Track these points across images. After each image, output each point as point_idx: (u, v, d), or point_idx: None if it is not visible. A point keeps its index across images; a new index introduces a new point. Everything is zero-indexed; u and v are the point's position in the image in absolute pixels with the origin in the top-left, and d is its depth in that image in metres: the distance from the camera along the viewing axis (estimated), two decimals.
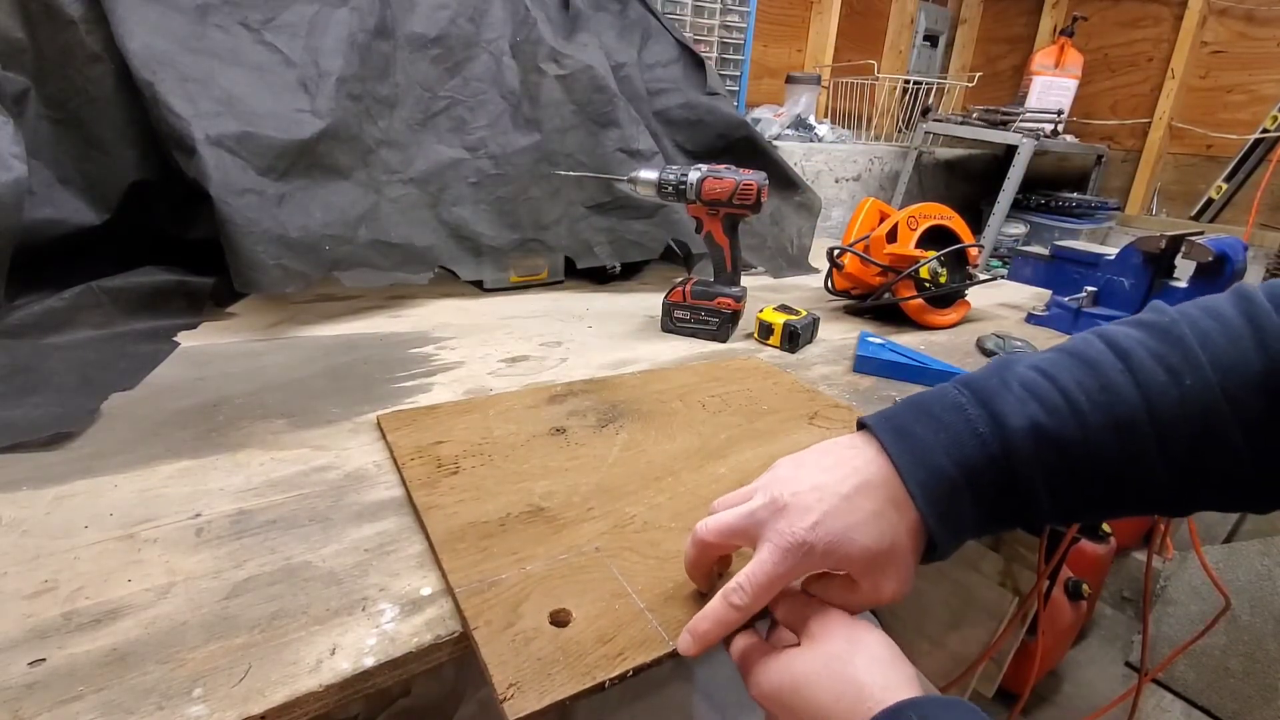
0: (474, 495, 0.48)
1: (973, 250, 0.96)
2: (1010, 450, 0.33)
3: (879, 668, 0.31)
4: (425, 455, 0.52)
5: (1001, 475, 0.33)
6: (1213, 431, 0.31)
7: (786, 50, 2.07)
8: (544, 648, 0.35)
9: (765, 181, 0.80)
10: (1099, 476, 0.33)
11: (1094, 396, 0.32)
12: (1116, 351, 0.33)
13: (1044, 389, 0.33)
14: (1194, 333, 0.32)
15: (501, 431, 0.57)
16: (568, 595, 0.39)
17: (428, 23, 0.92)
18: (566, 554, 0.42)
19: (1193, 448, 0.32)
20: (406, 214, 0.89)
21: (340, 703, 0.34)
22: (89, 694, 0.31)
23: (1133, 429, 0.32)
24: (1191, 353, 0.32)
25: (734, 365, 0.76)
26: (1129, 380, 0.32)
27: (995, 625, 0.99)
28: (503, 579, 0.39)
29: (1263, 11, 1.99)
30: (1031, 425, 0.32)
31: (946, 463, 0.33)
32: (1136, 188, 2.26)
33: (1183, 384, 0.31)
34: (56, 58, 0.72)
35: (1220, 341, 0.31)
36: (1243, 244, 0.94)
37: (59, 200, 0.74)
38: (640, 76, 1.11)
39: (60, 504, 0.44)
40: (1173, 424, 0.31)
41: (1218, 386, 0.31)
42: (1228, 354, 0.31)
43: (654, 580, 0.41)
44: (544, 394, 0.65)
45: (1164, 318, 0.34)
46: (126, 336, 0.70)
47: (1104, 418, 0.32)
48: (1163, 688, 1.40)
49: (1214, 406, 0.31)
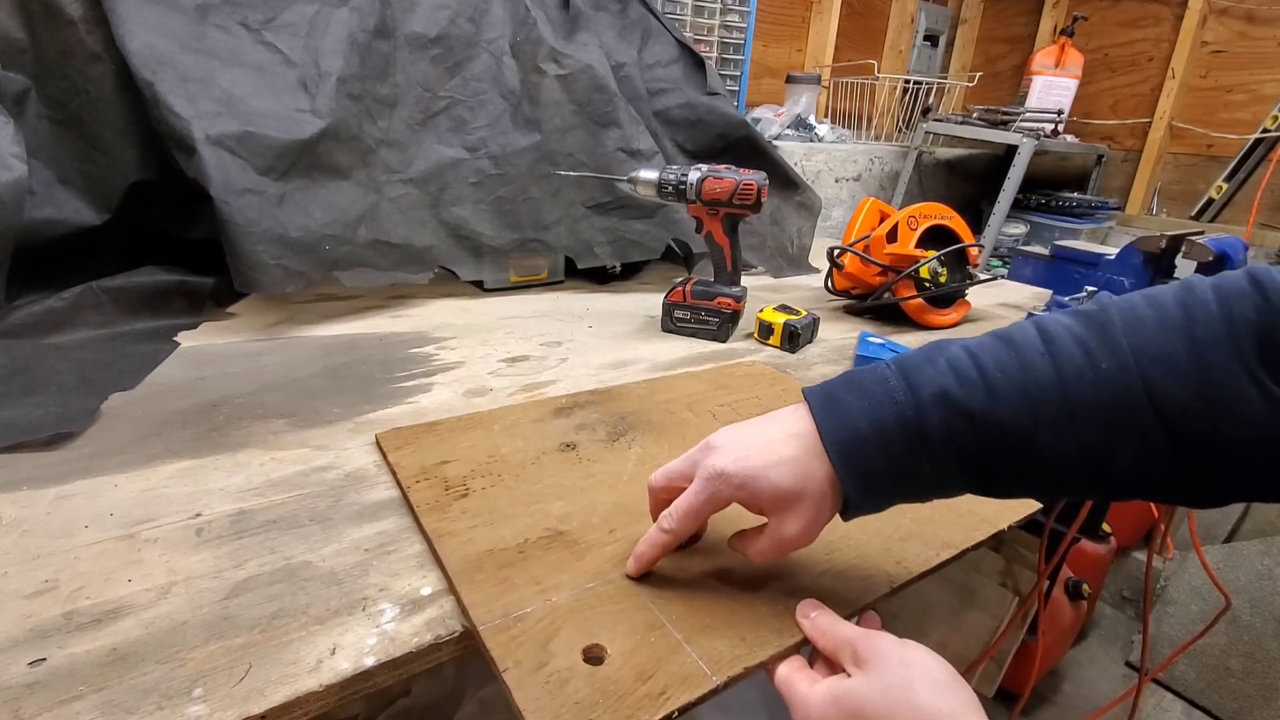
0: (487, 520, 0.45)
1: (973, 250, 0.96)
2: (922, 416, 0.34)
3: (941, 693, 0.31)
4: (431, 476, 0.49)
5: (913, 439, 0.34)
6: (1126, 416, 0.32)
7: (787, 50, 2.07)
8: (580, 689, 0.33)
9: (765, 181, 0.80)
10: (1010, 450, 0.33)
11: (1010, 373, 0.33)
12: (1042, 335, 0.34)
13: (964, 364, 0.35)
14: (1123, 319, 0.33)
15: (509, 449, 0.54)
16: (599, 628, 0.37)
17: (428, 22, 0.92)
18: (593, 582, 0.40)
19: (1106, 431, 0.32)
20: (406, 214, 0.89)
21: (340, 703, 0.34)
22: (89, 694, 0.31)
23: (1044, 406, 0.33)
24: (1112, 338, 0.32)
25: (739, 372, 0.75)
26: (1047, 361, 0.33)
27: (995, 625, 0.99)
28: (528, 613, 0.37)
29: (1263, 11, 1.99)
30: (942, 392, 0.34)
31: (863, 423, 0.35)
32: (1137, 187, 2.26)
33: (1098, 367, 0.32)
34: (57, 58, 0.72)
35: (1150, 329, 0.32)
36: (1243, 244, 0.94)
37: (59, 200, 0.74)
38: (640, 76, 1.12)
39: (61, 504, 0.44)
40: (1085, 405, 0.32)
41: (1137, 373, 0.31)
42: (1155, 342, 0.31)
43: (688, 608, 0.39)
44: (549, 407, 0.62)
45: (1098, 306, 0.35)
46: (127, 336, 0.70)
47: (1017, 394, 0.33)
48: (1163, 688, 1.40)
49: (1129, 391, 0.31)
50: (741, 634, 0.37)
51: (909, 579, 0.44)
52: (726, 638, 0.37)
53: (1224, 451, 0.31)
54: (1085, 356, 0.32)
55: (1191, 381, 0.30)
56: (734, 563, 0.43)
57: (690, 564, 0.43)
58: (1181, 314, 0.32)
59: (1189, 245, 0.93)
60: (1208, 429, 0.31)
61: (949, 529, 0.48)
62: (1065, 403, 0.32)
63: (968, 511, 0.50)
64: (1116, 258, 0.99)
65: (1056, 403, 0.32)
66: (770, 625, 0.38)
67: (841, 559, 0.44)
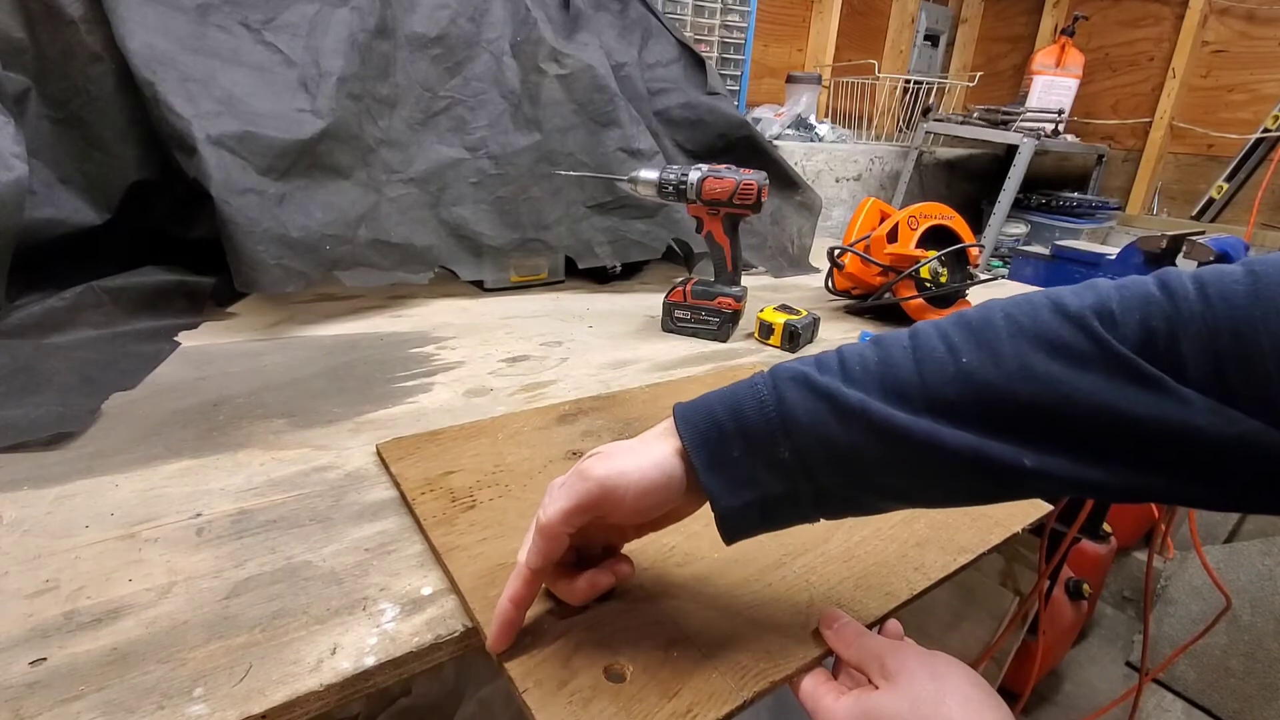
0: (497, 532, 0.44)
1: (973, 250, 0.96)
2: (780, 395, 0.33)
3: (973, 708, 0.30)
4: (436, 488, 0.48)
5: (769, 417, 0.33)
6: (988, 410, 0.30)
7: (787, 50, 2.07)
8: (605, 708, 0.32)
9: (765, 181, 0.80)
10: (872, 431, 0.31)
11: (869, 364, 0.33)
12: (910, 334, 0.34)
13: (828, 357, 0.34)
14: (1004, 320, 0.31)
15: (514, 458, 0.53)
16: (620, 645, 0.36)
17: (428, 22, 0.92)
18: (609, 596, 0.40)
19: (977, 423, 0.30)
20: (407, 214, 0.89)
21: (341, 702, 0.34)
22: (90, 693, 0.31)
23: (905, 395, 0.31)
24: (982, 335, 0.31)
25: (741, 374, 0.74)
26: (909, 355, 0.32)
27: (996, 625, 0.99)
28: (545, 630, 0.37)
29: (1264, 11, 1.99)
30: (800, 374, 0.33)
31: (719, 408, 0.34)
32: (1137, 187, 2.26)
33: (959, 361, 0.31)
34: (57, 58, 0.72)
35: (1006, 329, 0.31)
36: (1244, 243, 0.94)
37: (60, 200, 0.74)
38: (641, 76, 1.12)
39: (61, 504, 0.44)
40: (944, 398, 0.31)
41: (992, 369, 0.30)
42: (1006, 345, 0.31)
43: (707, 621, 0.38)
44: (552, 414, 0.62)
45: (982, 309, 0.33)
46: (127, 336, 0.70)
47: (874, 381, 0.32)
48: (1163, 687, 1.40)
49: (989, 385, 0.30)
50: (765, 647, 0.36)
51: (929, 585, 0.43)
52: (750, 651, 0.36)
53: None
54: (948, 350, 0.31)
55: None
56: (751, 573, 0.42)
57: (707, 576, 0.42)
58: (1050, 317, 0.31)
59: (1190, 245, 0.93)
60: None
61: (964, 533, 0.48)
62: (925, 392, 0.31)
63: (981, 515, 0.50)
64: (1117, 258, 0.99)
65: (915, 390, 0.31)
66: (793, 637, 0.37)
67: (860, 566, 0.44)
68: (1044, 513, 0.52)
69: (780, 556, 0.44)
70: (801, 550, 0.45)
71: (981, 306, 0.33)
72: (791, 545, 0.45)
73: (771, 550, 0.45)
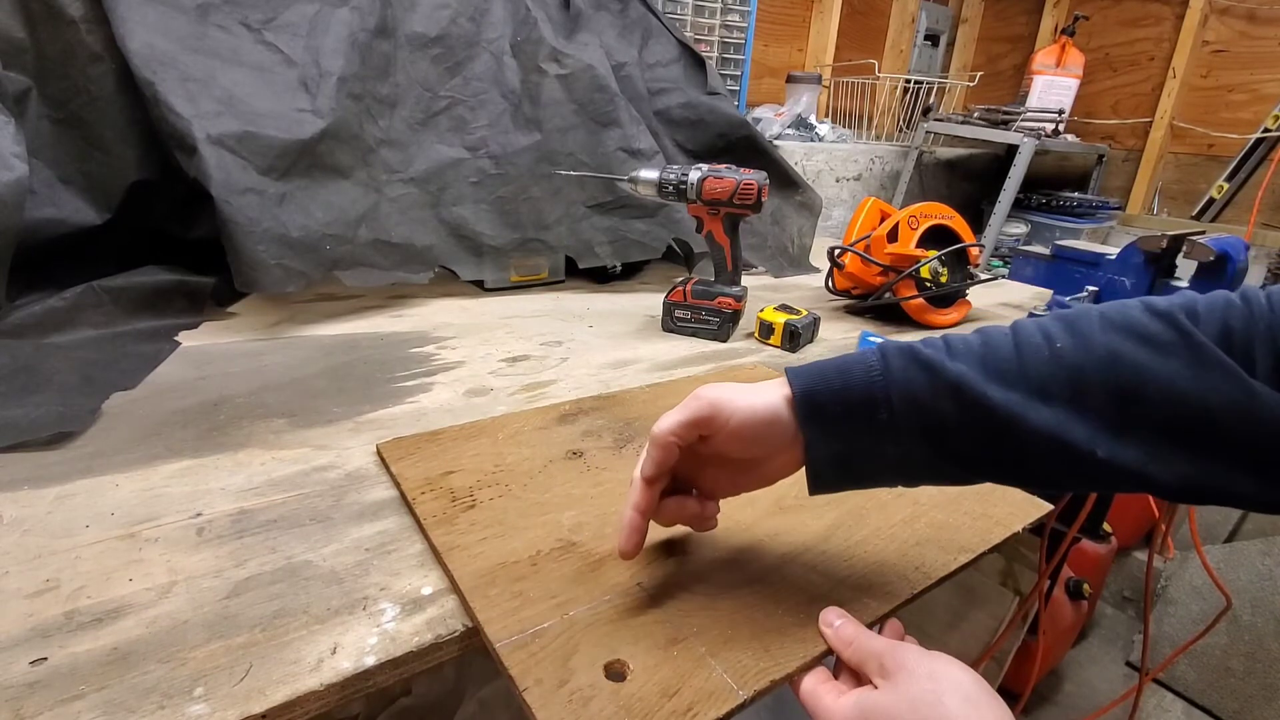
0: (497, 531, 0.44)
1: (973, 250, 0.96)
2: (887, 365, 0.36)
3: (972, 707, 0.30)
4: (436, 488, 0.48)
5: (874, 381, 0.35)
6: (1075, 390, 0.33)
7: (787, 50, 2.07)
8: (605, 707, 0.32)
9: (766, 181, 0.80)
10: (965, 402, 0.34)
11: (972, 345, 0.36)
12: (1011, 326, 0.37)
13: (935, 340, 0.37)
14: (1098, 315, 0.34)
15: (515, 457, 0.53)
16: (620, 643, 0.36)
17: (428, 22, 0.92)
18: (610, 595, 0.39)
19: (1062, 402, 0.33)
20: (407, 214, 0.89)
21: (341, 702, 0.34)
22: (90, 693, 0.31)
23: (1002, 373, 0.34)
24: (1076, 325, 0.34)
25: (741, 374, 0.75)
26: (1009, 340, 0.35)
27: (996, 625, 0.99)
28: (546, 628, 0.36)
29: (1264, 11, 1.99)
30: (907, 348, 0.36)
31: (829, 370, 0.37)
32: (1138, 187, 2.26)
33: (1054, 346, 0.34)
34: (57, 57, 0.72)
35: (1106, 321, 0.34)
36: (1244, 244, 0.94)
37: (60, 200, 0.74)
38: (641, 76, 1.12)
39: (61, 503, 0.44)
40: (1036, 377, 0.34)
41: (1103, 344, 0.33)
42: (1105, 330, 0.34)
43: (709, 620, 0.38)
44: (553, 414, 0.61)
45: (1080, 308, 0.37)
46: (127, 336, 0.70)
47: (975, 359, 0.35)
48: (1164, 687, 1.40)
49: (1081, 368, 0.33)
50: (765, 645, 0.36)
51: (929, 584, 0.43)
52: (750, 650, 0.36)
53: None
54: (1043, 337, 0.35)
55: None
56: (751, 572, 0.42)
57: (708, 574, 0.42)
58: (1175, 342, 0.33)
59: (1190, 245, 0.93)
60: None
61: (964, 533, 0.48)
62: (1023, 372, 0.34)
63: (982, 514, 0.50)
64: (1117, 258, 0.99)
65: (1014, 371, 0.34)
66: (793, 635, 0.37)
67: (860, 565, 0.44)
68: (1044, 512, 0.52)
69: (781, 556, 0.44)
70: (802, 549, 0.45)
71: (1080, 306, 0.37)
72: (792, 545, 0.45)
73: (772, 550, 0.45)
